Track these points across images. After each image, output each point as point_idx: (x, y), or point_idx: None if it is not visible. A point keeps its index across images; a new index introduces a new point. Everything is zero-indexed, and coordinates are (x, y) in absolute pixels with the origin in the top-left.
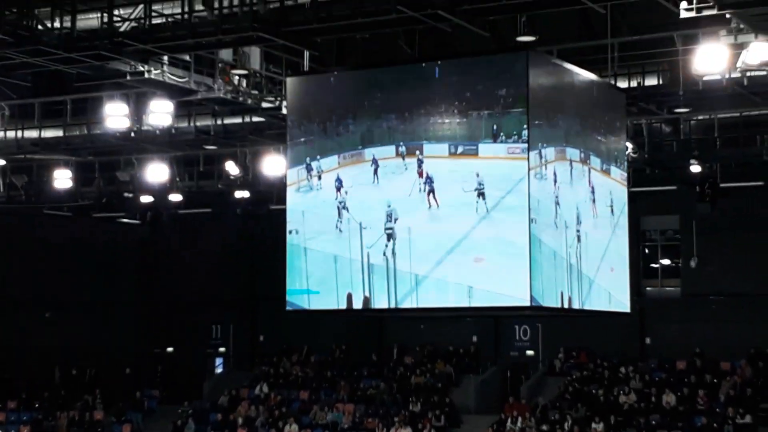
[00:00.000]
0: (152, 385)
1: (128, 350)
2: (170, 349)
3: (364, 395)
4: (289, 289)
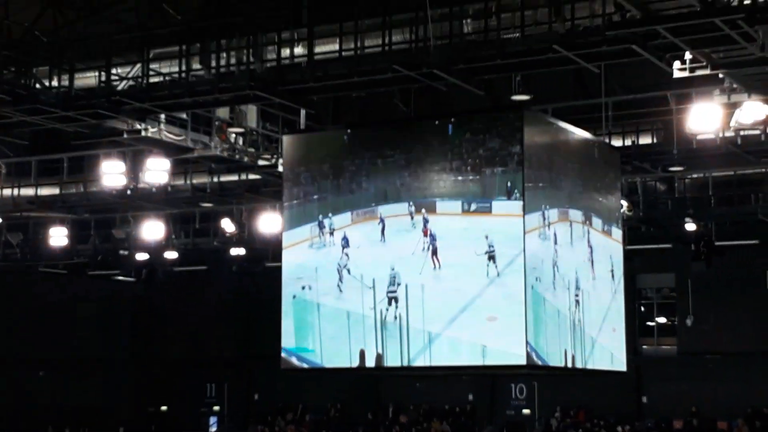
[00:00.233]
0: None
1: (122, 409)
2: (164, 407)
3: None
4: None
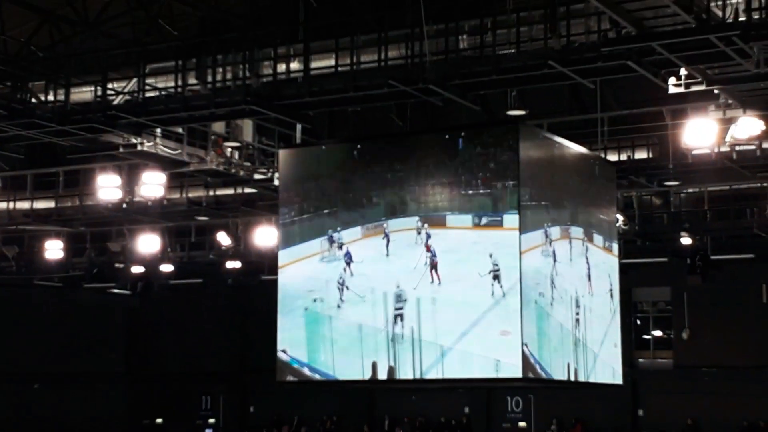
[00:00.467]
0: None
1: (117, 421)
2: (159, 420)
3: None
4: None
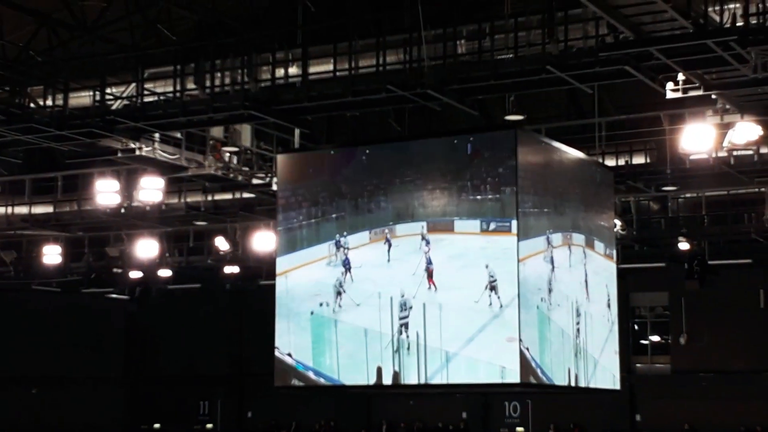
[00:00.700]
0: None
1: (115, 426)
2: (157, 425)
3: None
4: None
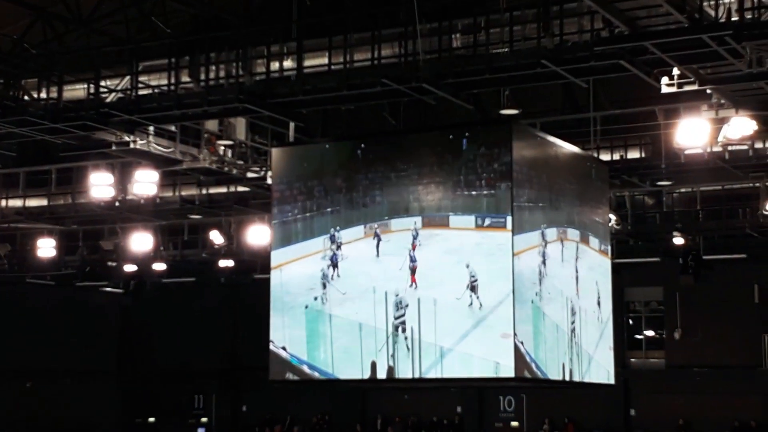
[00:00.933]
0: None
1: (110, 420)
2: (152, 419)
3: None
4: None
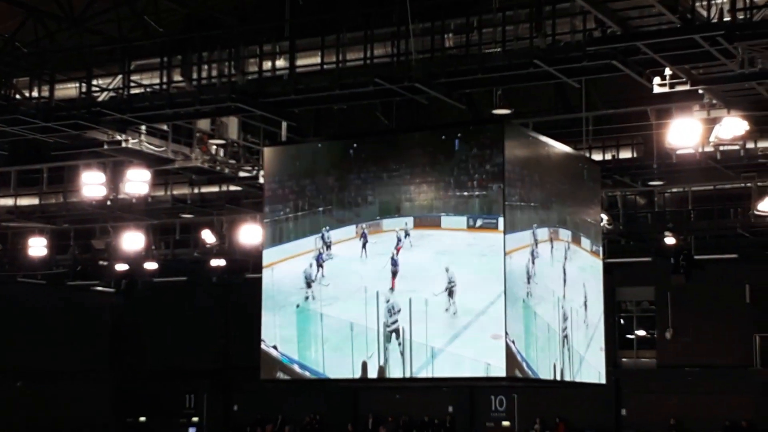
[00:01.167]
0: None
1: (101, 420)
2: (143, 418)
3: None
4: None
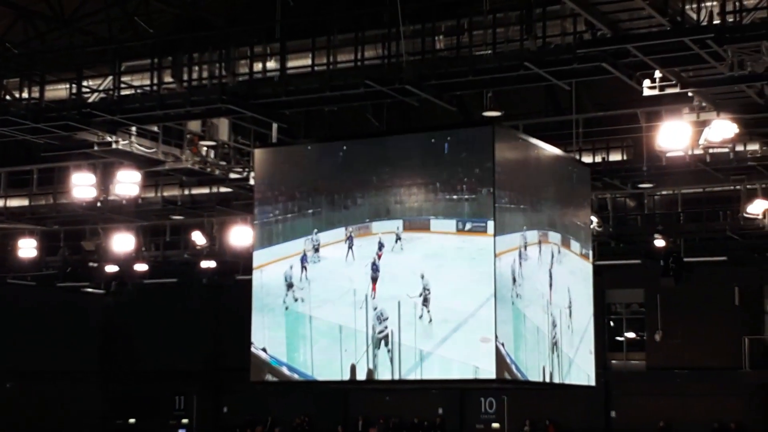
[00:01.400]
0: None
1: (90, 421)
2: (132, 420)
3: None
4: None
